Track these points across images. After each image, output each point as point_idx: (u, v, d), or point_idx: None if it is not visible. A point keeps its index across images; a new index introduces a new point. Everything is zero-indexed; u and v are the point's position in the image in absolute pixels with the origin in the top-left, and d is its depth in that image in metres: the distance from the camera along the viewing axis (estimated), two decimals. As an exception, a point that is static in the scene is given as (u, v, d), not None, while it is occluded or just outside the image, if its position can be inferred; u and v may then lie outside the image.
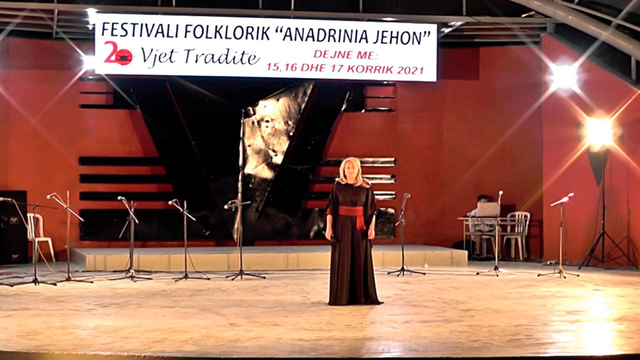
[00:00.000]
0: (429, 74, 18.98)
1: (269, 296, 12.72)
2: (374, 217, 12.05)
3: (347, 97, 20.04)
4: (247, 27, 18.25)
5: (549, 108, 18.66)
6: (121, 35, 17.85)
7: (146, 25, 17.91)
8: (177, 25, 18.00)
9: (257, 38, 18.26)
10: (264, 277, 15.17)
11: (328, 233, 11.99)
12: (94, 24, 17.99)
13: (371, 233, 11.99)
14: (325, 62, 18.57)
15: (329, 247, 12.12)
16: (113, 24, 17.79)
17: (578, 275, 15.52)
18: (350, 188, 11.93)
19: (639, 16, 17.32)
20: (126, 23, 17.84)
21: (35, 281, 14.10)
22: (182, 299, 12.36)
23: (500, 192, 16.42)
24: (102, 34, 17.79)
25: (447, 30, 19.36)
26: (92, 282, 14.53)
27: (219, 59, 18.19)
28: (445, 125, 20.48)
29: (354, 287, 11.82)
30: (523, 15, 18.68)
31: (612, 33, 17.45)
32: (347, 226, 11.88)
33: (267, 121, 19.66)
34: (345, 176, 11.93)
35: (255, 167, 19.53)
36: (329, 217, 11.99)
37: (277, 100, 19.70)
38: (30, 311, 11.10)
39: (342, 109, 20.05)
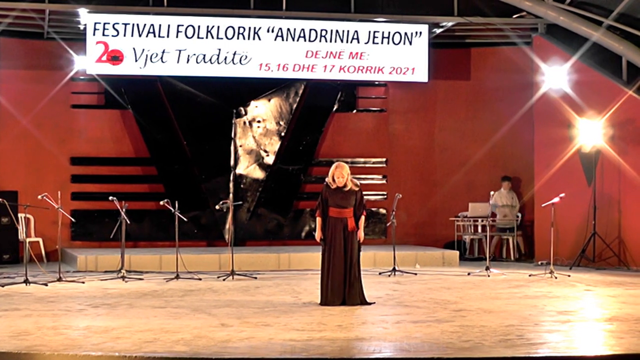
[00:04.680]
0: (421, 75, 18.99)
1: (260, 296, 12.72)
2: (363, 218, 12.07)
3: (339, 98, 20.05)
4: (239, 28, 18.24)
5: (540, 108, 18.68)
6: (112, 36, 17.84)
7: (137, 25, 17.90)
8: (169, 26, 17.99)
9: (248, 38, 18.26)
10: (256, 278, 15.17)
11: (317, 235, 12.00)
12: (85, 24, 17.97)
13: (360, 235, 12.01)
14: (316, 62, 18.57)
15: (320, 247, 12.12)
16: (104, 24, 17.77)
17: (569, 276, 15.55)
18: (339, 192, 11.92)
19: (630, 17, 17.36)
20: (117, 23, 17.82)
21: (26, 281, 14.08)
22: (173, 300, 12.35)
23: (492, 193, 16.43)
24: (94, 34, 17.77)
25: (438, 30, 19.38)
26: (83, 282, 14.52)
27: (210, 59, 18.18)
28: (436, 125, 20.50)
29: (345, 288, 11.83)
30: (514, 16, 18.71)
31: (603, 34, 17.48)
32: (338, 227, 11.88)
33: (258, 121, 19.66)
34: (334, 181, 11.93)
35: (247, 168, 19.53)
36: (318, 219, 12.00)
37: (269, 100, 19.70)
38: (21, 312, 11.08)
39: (334, 109, 20.06)
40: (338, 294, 11.78)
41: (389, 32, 18.75)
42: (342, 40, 18.58)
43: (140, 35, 17.92)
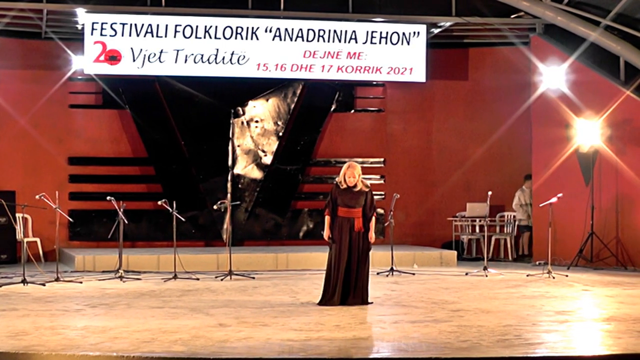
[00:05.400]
0: (419, 75, 18.99)
1: (258, 296, 12.72)
2: (374, 219, 12.02)
3: (337, 98, 20.05)
4: (237, 27, 18.24)
5: (538, 108, 18.69)
6: (110, 35, 17.83)
7: (135, 25, 17.89)
8: (167, 26, 17.99)
9: (246, 38, 18.26)
10: (253, 278, 15.16)
11: (326, 234, 11.95)
12: (83, 24, 17.97)
13: (372, 236, 11.94)
14: (314, 62, 18.57)
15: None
16: (102, 23, 17.76)
17: (567, 276, 15.56)
18: (349, 192, 11.88)
19: (628, 17, 17.37)
20: (115, 23, 17.81)
21: (24, 281, 14.07)
22: (171, 300, 12.35)
23: (489, 193, 16.43)
24: (92, 34, 17.76)
25: (436, 30, 19.38)
26: (81, 282, 14.51)
27: (208, 59, 18.18)
28: (434, 125, 20.50)
29: (347, 288, 11.79)
30: (512, 16, 18.71)
31: (600, 34, 17.49)
32: (345, 227, 11.82)
33: (256, 121, 19.66)
34: (345, 181, 11.88)
35: (245, 168, 19.53)
36: (326, 218, 11.94)
37: (267, 100, 19.70)
38: (19, 311, 11.08)
39: (332, 109, 20.06)
40: (339, 293, 11.73)
41: (387, 32, 18.75)
42: (340, 40, 18.58)
43: (138, 35, 17.91)
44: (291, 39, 18.43)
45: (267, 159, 19.63)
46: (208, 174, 19.36)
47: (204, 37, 18.11)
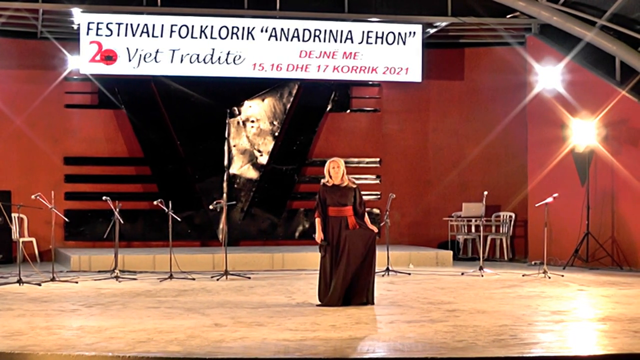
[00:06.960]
0: (414, 75, 19.00)
1: (254, 296, 12.72)
2: (366, 215, 12.02)
3: (333, 98, 20.06)
4: (233, 27, 18.24)
5: (533, 109, 18.71)
6: (106, 35, 17.82)
7: (131, 25, 17.89)
8: (162, 25, 17.98)
9: (242, 38, 18.26)
10: (249, 278, 15.16)
11: (318, 236, 11.84)
12: (78, 24, 17.96)
13: (374, 227, 11.95)
14: (310, 62, 18.57)
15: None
16: (98, 23, 17.76)
17: (562, 276, 15.56)
18: (337, 189, 11.85)
19: (623, 17, 17.38)
20: (111, 23, 17.81)
21: (19, 281, 14.06)
22: (167, 300, 12.34)
23: (485, 193, 16.44)
24: (87, 34, 17.76)
25: (432, 30, 19.39)
26: (76, 282, 14.50)
27: (204, 59, 18.17)
28: (430, 125, 20.52)
29: (349, 288, 11.71)
30: (508, 16, 18.73)
31: (596, 34, 17.50)
32: (337, 227, 11.77)
33: (252, 121, 19.66)
34: (330, 177, 11.87)
35: (241, 168, 19.52)
36: (317, 220, 11.87)
37: (263, 100, 19.70)
38: (15, 311, 11.07)
39: (328, 109, 20.07)
40: (341, 296, 11.66)
41: (383, 32, 18.76)
42: (335, 40, 18.59)
43: (133, 35, 17.92)
44: (287, 39, 18.43)
45: (263, 159, 19.64)
46: (204, 173, 19.37)
47: (200, 37, 18.11)
